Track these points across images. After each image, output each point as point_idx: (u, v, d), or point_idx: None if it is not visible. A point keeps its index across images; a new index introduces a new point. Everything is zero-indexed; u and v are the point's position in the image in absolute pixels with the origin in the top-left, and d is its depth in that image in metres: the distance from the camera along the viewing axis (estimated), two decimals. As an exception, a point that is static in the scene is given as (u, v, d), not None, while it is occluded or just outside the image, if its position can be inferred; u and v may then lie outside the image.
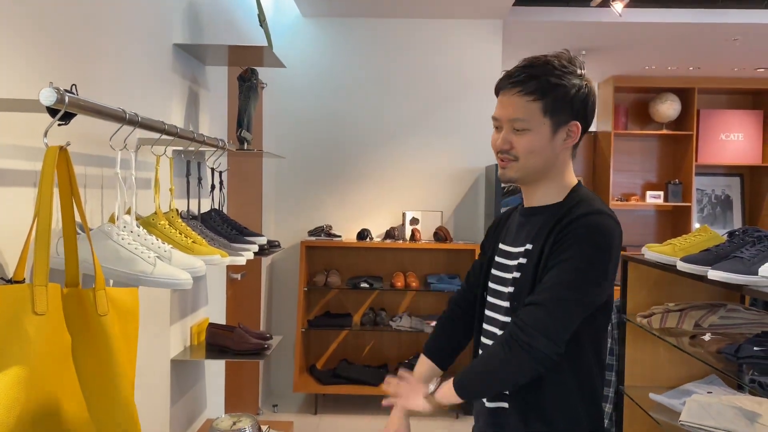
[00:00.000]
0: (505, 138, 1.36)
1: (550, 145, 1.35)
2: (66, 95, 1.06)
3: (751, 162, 5.99)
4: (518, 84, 1.33)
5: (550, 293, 1.27)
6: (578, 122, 1.35)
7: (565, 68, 1.34)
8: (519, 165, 1.36)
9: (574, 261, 1.27)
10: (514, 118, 1.33)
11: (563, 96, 1.32)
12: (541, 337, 1.25)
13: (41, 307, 1.02)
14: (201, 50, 2.34)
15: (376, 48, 4.46)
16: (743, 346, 1.76)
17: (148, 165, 1.88)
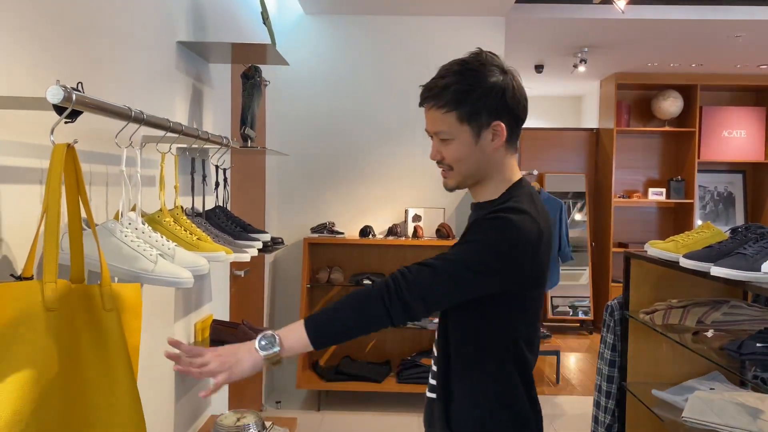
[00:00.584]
0: (435, 149, 1.40)
1: (476, 149, 1.35)
2: (73, 93, 1.06)
3: (753, 159, 5.99)
4: (432, 98, 1.36)
5: (438, 258, 1.27)
6: (500, 121, 1.34)
7: (475, 72, 1.34)
8: (454, 173, 1.39)
9: (473, 242, 1.28)
10: (436, 131, 1.37)
11: (476, 101, 1.32)
12: (412, 293, 1.24)
13: (52, 303, 1.04)
14: (205, 48, 2.35)
15: (379, 45, 4.47)
16: (746, 343, 1.76)
17: (153, 162, 1.89)
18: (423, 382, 4.09)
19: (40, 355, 1.00)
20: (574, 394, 4.59)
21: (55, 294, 1.04)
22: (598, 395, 2.58)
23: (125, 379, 1.13)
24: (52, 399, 1.01)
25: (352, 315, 1.26)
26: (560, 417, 4.08)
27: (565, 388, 4.73)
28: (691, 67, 5.68)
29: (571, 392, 4.64)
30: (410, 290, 1.24)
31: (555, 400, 4.44)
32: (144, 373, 1.89)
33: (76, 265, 1.15)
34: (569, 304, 6.25)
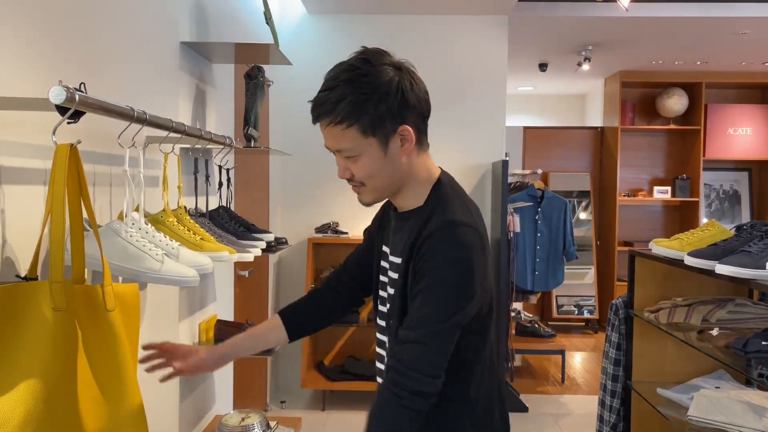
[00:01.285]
0: (343, 167, 1.28)
1: (387, 160, 1.23)
2: (75, 93, 1.07)
3: (759, 156, 5.96)
4: (326, 114, 1.24)
5: (421, 329, 1.16)
6: (406, 125, 1.22)
7: (366, 76, 1.23)
8: (368, 189, 1.27)
9: (437, 288, 1.17)
10: (338, 148, 1.25)
11: (375, 109, 1.20)
12: (423, 378, 1.15)
13: (59, 303, 1.04)
14: (208, 48, 2.35)
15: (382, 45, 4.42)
16: (751, 341, 1.76)
17: (156, 163, 1.89)
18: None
19: (50, 355, 1.01)
20: (579, 393, 4.58)
21: (62, 294, 1.05)
22: (603, 394, 2.58)
23: (126, 378, 1.13)
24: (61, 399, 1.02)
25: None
26: (565, 416, 4.07)
27: (570, 387, 4.72)
28: (696, 64, 5.65)
29: (576, 391, 4.63)
30: (417, 380, 1.14)
31: (560, 399, 4.43)
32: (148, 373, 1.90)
33: (77, 265, 1.15)
34: (574, 303, 6.24)
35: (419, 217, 1.25)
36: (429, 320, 1.16)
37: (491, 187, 4.48)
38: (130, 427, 1.12)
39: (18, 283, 1.05)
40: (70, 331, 1.05)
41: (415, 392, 1.14)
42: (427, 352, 1.16)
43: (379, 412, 1.17)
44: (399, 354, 1.17)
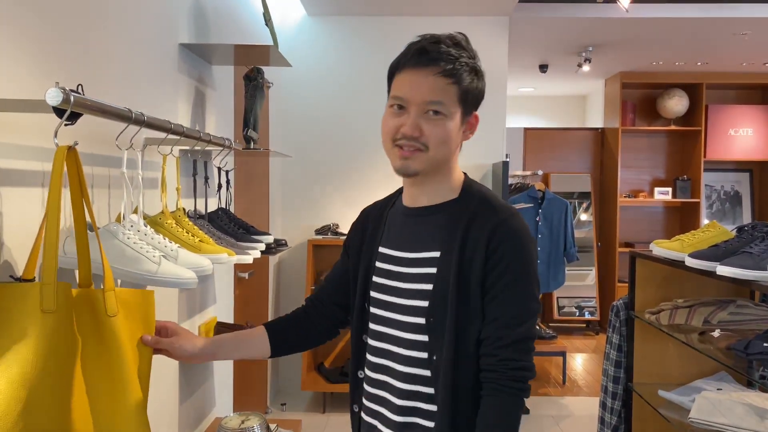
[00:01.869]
0: (414, 123, 1.19)
1: (457, 134, 1.22)
2: (72, 95, 1.06)
3: (760, 157, 5.96)
4: (437, 62, 1.17)
5: (523, 324, 1.19)
6: (477, 114, 1.26)
7: (475, 57, 1.23)
8: (428, 156, 1.21)
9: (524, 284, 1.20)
10: (431, 100, 1.18)
11: (476, 86, 1.21)
12: (532, 367, 1.21)
13: (49, 304, 1.03)
14: (207, 50, 2.35)
15: (382, 46, 4.46)
16: (753, 343, 1.75)
17: (155, 165, 1.89)
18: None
19: (33, 356, 0.99)
20: (580, 395, 4.57)
21: (53, 296, 1.04)
22: (604, 396, 2.57)
23: (128, 387, 1.12)
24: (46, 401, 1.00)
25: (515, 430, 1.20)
26: (566, 418, 4.06)
27: (571, 389, 4.71)
28: (696, 65, 5.65)
29: (577, 393, 4.62)
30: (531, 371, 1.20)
31: (561, 401, 4.42)
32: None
33: (83, 269, 1.14)
34: (575, 305, 6.23)
35: (457, 210, 1.24)
36: (529, 314, 1.20)
37: (492, 189, 4.47)
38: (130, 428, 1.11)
39: (8, 283, 1.04)
40: (63, 335, 1.04)
41: (529, 384, 1.21)
42: (530, 343, 1.21)
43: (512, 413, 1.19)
44: (515, 353, 1.18)
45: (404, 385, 1.24)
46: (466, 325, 1.19)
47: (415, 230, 1.28)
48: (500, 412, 1.18)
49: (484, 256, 1.19)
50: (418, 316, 1.23)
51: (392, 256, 1.30)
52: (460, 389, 1.19)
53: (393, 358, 1.26)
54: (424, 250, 1.25)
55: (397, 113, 1.22)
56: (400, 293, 1.26)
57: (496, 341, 1.18)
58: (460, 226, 1.22)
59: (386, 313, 1.28)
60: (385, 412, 1.28)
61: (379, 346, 1.29)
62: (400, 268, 1.28)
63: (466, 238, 1.20)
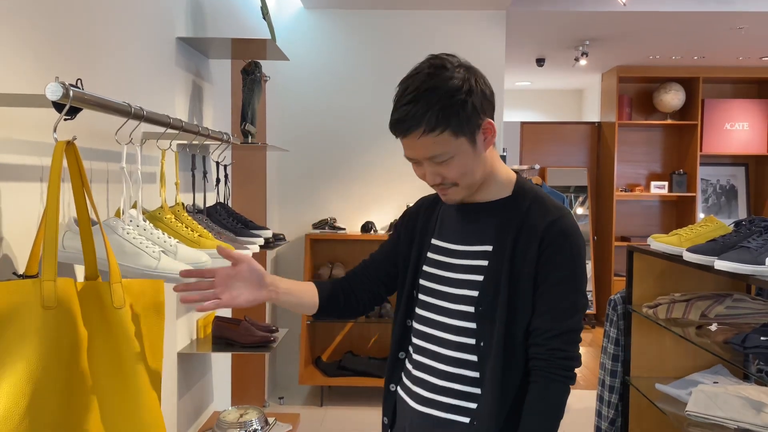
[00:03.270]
0: (432, 173, 1.28)
1: (476, 156, 1.28)
2: (71, 89, 1.06)
3: (756, 151, 5.97)
4: (416, 127, 1.23)
5: (571, 318, 1.29)
6: (488, 118, 1.28)
7: (446, 80, 1.23)
8: (460, 188, 1.30)
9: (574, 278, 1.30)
10: (431, 156, 1.26)
11: (463, 110, 1.22)
12: (579, 357, 1.32)
13: (50, 301, 1.03)
14: (204, 44, 2.34)
15: (380, 40, 4.45)
16: (750, 336, 1.76)
17: (154, 159, 1.88)
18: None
19: (36, 352, 0.99)
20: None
21: (54, 292, 1.04)
22: (602, 389, 2.58)
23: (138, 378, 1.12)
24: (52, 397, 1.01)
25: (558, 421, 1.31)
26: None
27: (567, 383, 4.73)
28: (693, 59, 5.65)
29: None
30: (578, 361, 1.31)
31: (558, 394, 4.44)
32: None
33: (89, 262, 1.14)
34: (571, 299, 6.23)
35: (511, 207, 1.33)
36: (577, 308, 1.30)
37: (489, 183, 4.47)
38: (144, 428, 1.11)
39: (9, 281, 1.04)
40: (66, 330, 1.04)
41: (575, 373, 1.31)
42: (578, 334, 1.31)
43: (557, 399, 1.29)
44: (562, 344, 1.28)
45: (448, 368, 1.33)
46: (516, 315, 1.29)
47: (469, 225, 1.37)
48: (548, 398, 1.28)
49: (537, 252, 1.28)
50: (467, 305, 1.31)
51: (444, 248, 1.39)
52: (507, 373, 1.29)
53: (439, 343, 1.35)
54: (476, 243, 1.34)
55: (417, 166, 1.32)
56: (449, 282, 1.35)
57: (546, 332, 1.27)
58: (513, 223, 1.31)
59: (434, 300, 1.37)
60: (423, 392, 1.36)
61: (425, 331, 1.38)
62: (451, 259, 1.36)
63: (519, 235, 1.30)
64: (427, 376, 1.36)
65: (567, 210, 1.34)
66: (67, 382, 1.02)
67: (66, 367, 1.03)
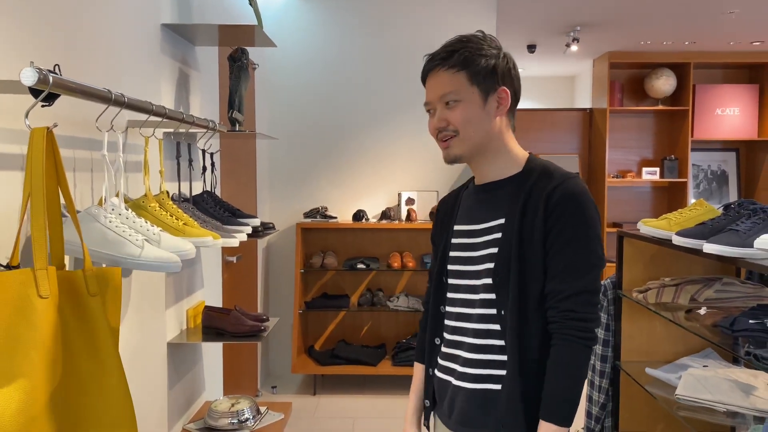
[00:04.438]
0: (439, 117, 1.38)
1: (483, 112, 1.37)
2: (49, 75, 1.04)
3: (746, 137, 5.98)
4: (441, 61, 1.37)
5: (584, 277, 1.31)
6: (506, 88, 1.38)
7: (482, 42, 1.39)
8: (460, 139, 1.37)
9: (583, 237, 1.31)
10: (444, 93, 1.36)
11: (486, 64, 1.36)
12: (598, 318, 1.33)
13: (45, 290, 1.03)
14: (190, 30, 2.31)
15: (369, 26, 4.42)
16: (739, 319, 1.76)
17: (139, 147, 1.86)
18: (418, 364, 4.09)
19: (39, 343, 1.00)
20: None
21: (47, 281, 1.03)
22: (592, 374, 2.59)
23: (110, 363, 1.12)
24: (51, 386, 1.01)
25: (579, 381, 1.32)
26: (555, 397, 4.09)
27: (560, 368, 4.75)
28: (684, 44, 5.64)
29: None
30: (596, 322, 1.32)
31: (550, 380, 4.46)
32: (136, 359, 1.88)
33: (56, 251, 1.13)
34: (564, 285, 6.25)
35: (521, 182, 1.38)
36: (588, 267, 1.32)
37: (480, 170, 4.46)
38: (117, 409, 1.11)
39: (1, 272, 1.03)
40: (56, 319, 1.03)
41: (595, 333, 1.32)
42: (595, 295, 1.33)
43: (575, 360, 1.31)
44: (575, 305, 1.30)
45: (478, 341, 1.39)
46: (529, 281, 1.33)
47: (484, 203, 1.43)
48: (565, 361, 1.30)
49: (543, 216, 1.32)
50: (487, 278, 1.37)
51: (465, 231, 1.45)
52: (526, 337, 1.33)
53: (468, 319, 1.41)
54: (491, 219, 1.40)
55: (431, 116, 1.42)
56: (472, 261, 1.42)
57: (557, 294, 1.31)
58: (522, 193, 1.36)
59: (460, 281, 1.44)
60: (459, 368, 1.41)
61: (456, 311, 1.44)
62: (472, 239, 1.43)
63: (527, 203, 1.35)
64: (460, 352, 1.41)
65: (574, 175, 1.37)
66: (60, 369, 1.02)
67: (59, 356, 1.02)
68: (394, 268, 4.22)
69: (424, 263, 4.29)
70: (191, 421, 2.32)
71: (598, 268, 1.34)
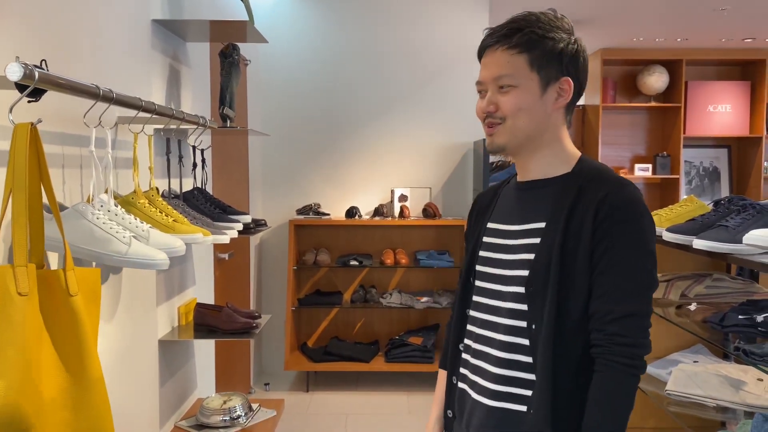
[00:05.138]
0: (490, 99, 1.24)
1: (539, 103, 1.22)
2: (35, 70, 1.03)
3: (738, 133, 6.00)
4: (502, 38, 1.22)
5: (636, 299, 1.17)
6: (570, 78, 1.23)
7: (552, 22, 1.23)
8: (507, 127, 1.23)
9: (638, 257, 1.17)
10: (499, 75, 1.22)
11: (551, 49, 1.21)
12: (647, 344, 1.18)
13: (24, 287, 1.01)
14: (181, 26, 2.29)
15: (361, 22, 4.40)
16: (728, 315, 1.77)
17: (130, 144, 1.85)
18: (411, 361, 4.10)
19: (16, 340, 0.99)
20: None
21: (26, 278, 1.02)
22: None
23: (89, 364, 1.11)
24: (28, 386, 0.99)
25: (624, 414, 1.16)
26: (548, 393, 4.10)
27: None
28: (676, 41, 5.65)
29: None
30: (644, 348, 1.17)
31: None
32: (127, 357, 1.87)
33: (36, 249, 1.12)
34: (557, 281, 6.26)
35: (569, 183, 1.24)
36: (640, 289, 1.17)
37: (473, 167, 4.47)
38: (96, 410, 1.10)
39: None
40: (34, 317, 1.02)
41: (644, 362, 1.17)
42: (645, 318, 1.18)
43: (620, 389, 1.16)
44: (622, 329, 1.15)
45: (502, 354, 1.25)
46: (569, 296, 1.18)
47: (524, 203, 1.29)
48: (609, 389, 1.16)
49: (591, 228, 1.18)
50: (518, 286, 1.24)
51: (499, 230, 1.32)
52: (561, 360, 1.18)
53: (494, 328, 1.27)
54: (530, 221, 1.26)
55: (481, 97, 1.28)
56: (504, 265, 1.28)
57: (604, 316, 1.16)
58: (568, 198, 1.22)
59: (489, 284, 1.30)
60: (480, 381, 1.28)
61: (481, 317, 1.31)
62: (506, 240, 1.29)
63: (573, 209, 1.20)
64: (484, 364, 1.28)
65: (628, 182, 1.22)
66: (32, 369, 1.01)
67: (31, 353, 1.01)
68: (387, 265, 4.22)
69: (417, 260, 4.29)
70: (183, 418, 2.31)
71: (651, 290, 1.19)
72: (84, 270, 1.15)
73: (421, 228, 4.46)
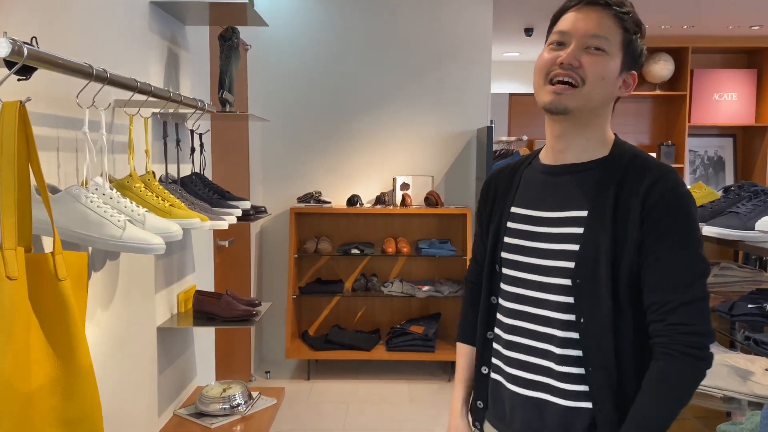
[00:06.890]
0: (574, 53, 1.16)
1: (615, 81, 1.19)
2: (24, 47, 0.99)
3: (744, 122, 5.94)
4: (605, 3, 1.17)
5: (697, 285, 1.13)
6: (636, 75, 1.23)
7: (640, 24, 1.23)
8: (584, 92, 1.16)
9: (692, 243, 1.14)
10: (596, 34, 1.16)
11: (639, 42, 1.21)
12: (712, 331, 1.14)
13: (13, 271, 0.98)
14: (180, 8, 2.25)
15: (364, 8, 4.34)
16: (737, 304, 1.73)
17: (127, 128, 1.81)
18: (412, 350, 4.08)
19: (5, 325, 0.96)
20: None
21: (15, 262, 0.99)
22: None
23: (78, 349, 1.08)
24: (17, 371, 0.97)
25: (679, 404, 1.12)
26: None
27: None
28: (682, 28, 5.58)
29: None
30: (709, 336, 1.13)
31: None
32: (125, 344, 1.85)
33: (24, 233, 1.08)
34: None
35: (609, 168, 1.20)
36: (696, 275, 1.14)
37: (476, 155, 4.42)
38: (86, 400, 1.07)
39: None
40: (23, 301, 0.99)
41: (710, 351, 1.13)
42: (707, 305, 1.14)
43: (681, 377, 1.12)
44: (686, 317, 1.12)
45: (549, 347, 1.20)
46: (620, 288, 1.15)
47: (559, 188, 1.24)
48: (668, 378, 1.12)
49: (639, 217, 1.14)
50: (563, 277, 1.19)
51: (527, 216, 1.26)
52: (620, 353, 1.16)
53: (534, 320, 1.23)
54: (569, 208, 1.21)
55: (556, 49, 1.19)
56: (540, 254, 1.22)
57: (663, 306, 1.13)
58: (611, 185, 1.18)
59: (523, 274, 1.25)
60: (523, 374, 1.24)
61: (515, 308, 1.26)
62: (539, 228, 1.24)
63: (618, 197, 1.16)
64: (525, 356, 1.24)
65: (671, 168, 1.19)
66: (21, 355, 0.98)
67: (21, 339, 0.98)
68: (388, 254, 4.19)
69: (418, 248, 4.26)
70: (182, 406, 2.29)
71: (706, 276, 1.16)
72: (71, 254, 1.12)
73: (422, 216, 4.42)
